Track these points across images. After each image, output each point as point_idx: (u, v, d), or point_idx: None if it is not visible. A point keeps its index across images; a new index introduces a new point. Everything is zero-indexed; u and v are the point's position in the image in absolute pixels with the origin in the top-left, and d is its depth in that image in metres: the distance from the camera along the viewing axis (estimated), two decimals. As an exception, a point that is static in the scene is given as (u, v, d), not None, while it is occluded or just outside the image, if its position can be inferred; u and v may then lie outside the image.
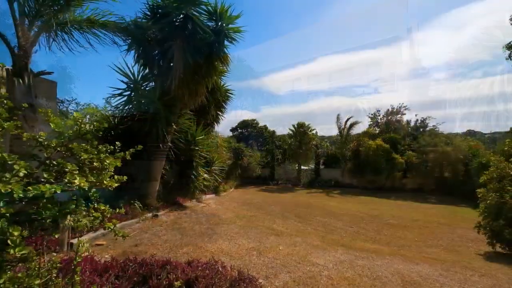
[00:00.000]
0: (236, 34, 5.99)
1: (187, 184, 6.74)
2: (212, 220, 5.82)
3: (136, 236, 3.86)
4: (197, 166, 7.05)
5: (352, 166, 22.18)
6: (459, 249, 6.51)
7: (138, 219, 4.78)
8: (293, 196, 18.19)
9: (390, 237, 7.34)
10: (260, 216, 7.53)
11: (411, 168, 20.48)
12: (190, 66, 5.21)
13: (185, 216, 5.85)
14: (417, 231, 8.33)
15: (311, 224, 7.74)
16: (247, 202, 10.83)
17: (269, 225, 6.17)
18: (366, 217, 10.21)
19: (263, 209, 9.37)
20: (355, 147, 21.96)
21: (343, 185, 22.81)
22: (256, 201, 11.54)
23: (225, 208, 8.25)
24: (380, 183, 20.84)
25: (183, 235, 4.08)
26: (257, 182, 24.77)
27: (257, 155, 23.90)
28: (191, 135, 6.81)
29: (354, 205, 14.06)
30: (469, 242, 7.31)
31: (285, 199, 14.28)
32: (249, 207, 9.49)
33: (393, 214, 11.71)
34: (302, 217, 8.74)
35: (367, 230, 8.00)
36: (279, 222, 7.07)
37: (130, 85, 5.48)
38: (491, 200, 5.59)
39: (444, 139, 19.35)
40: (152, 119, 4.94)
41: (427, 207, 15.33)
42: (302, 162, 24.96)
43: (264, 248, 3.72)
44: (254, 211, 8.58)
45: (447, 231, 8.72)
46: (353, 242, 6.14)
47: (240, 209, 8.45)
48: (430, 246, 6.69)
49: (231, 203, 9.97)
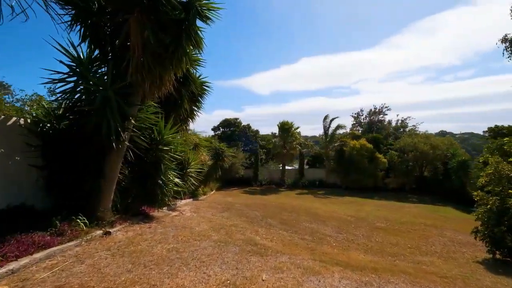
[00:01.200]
0: (211, 13, 5.03)
1: (153, 191, 5.66)
2: (181, 235, 4.81)
3: (65, 271, 2.78)
4: (166, 169, 5.98)
5: (336, 166, 21.96)
6: (455, 256, 6.05)
7: (80, 240, 3.65)
8: (277, 198, 17.47)
9: (382, 244, 6.77)
10: (241, 225, 6.62)
11: (393, 168, 20.62)
12: (152, 46, 4.18)
13: (148, 232, 4.79)
14: (406, 236, 7.89)
15: (297, 232, 6.98)
16: (227, 207, 9.87)
17: (251, 238, 5.28)
18: (353, 221, 9.70)
19: (245, 215, 8.47)
20: (339, 147, 21.75)
21: (328, 185, 22.53)
22: (237, 205, 10.61)
23: (201, 217, 7.24)
24: (364, 182, 20.77)
25: (134, 265, 3.05)
26: (240, 183, 23.80)
27: (240, 155, 22.92)
28: (158, 133, 5.74)
29: (339, 207, 13.61)
30: (461, 246, 6.93)
31: (269, 202, 13.48)
32: (229, 213, 8.55)
33: (379, 216, 11.35)
34: (287, 223, 7.97)
35: (357, 236, 7.40)
36: (262, 232, 6.22)
37: (75, 69, 4.33)
38: (492, 205, 5.12)
39: (424, 139, 19.63)
40: (100, 111, 3.84)
41: (410, 206, 15.31)
42: (287, 162, 24.38)
43: (242, 281, 2.82)
44: (235, 218, 7.66)
45: (436, 234, 8.39)
46: (346, 254, 5.44)
47: (218, 217, 7.48)
48: (425, 253, 6.18)
49: (209, 209, 8.96)
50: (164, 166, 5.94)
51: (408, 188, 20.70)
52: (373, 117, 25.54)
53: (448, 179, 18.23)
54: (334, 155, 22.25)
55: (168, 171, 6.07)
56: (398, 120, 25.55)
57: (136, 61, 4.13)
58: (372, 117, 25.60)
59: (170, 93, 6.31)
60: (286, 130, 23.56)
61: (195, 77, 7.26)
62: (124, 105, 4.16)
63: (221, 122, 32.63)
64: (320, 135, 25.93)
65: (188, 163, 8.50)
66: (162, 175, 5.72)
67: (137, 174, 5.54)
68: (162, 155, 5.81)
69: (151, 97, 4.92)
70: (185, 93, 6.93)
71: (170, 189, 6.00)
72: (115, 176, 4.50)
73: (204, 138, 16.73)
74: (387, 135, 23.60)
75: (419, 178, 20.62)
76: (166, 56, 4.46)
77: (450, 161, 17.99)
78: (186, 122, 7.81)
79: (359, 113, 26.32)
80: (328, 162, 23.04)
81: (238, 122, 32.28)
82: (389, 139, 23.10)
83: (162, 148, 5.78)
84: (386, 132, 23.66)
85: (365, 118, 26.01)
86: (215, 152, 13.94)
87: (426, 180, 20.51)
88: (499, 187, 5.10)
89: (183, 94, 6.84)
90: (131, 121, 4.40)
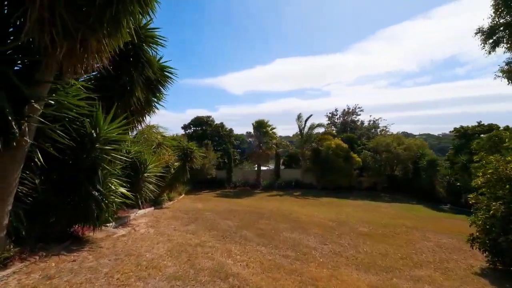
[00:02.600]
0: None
1: (86, 206, 4.10)
2: (120, 270, 3.38)
3: None
4: (106, 175, 4.45)
5: (312, 165, 21.56)
6: (450, 266, 5.47)
7: None
8: (252, 201, 16.34)
9: (372, 255, 6.00)
10: (210, 244, 5.34)
11: (367, 167, 20.81)
12: (68, -7, 2.74)
13: (68, 269, 3.28)
14: (393, 242, 7.29)
15: (278, 246, 5.90)
16: (195, 216, 8.45)
17: (221, 265, 4.03)
18: (335, 226, 8.96)
19: (215, 227, 7.17)
20: (315, 146, 21.38)
21: (304, 185, 22.03)
22: (207, 213, 9.23)
23: (159, 233, 5.78)
24: (339, 182, 20.66)
25: None
26: (212, 186, 22.22)
27: (212, 155, 21.38)
28: (94, 126, 4.20)
29: (318, 210, 12.93)
30: (450, 253, 6.47)
31: (244, 207, 12.28)
32: (197, 225, 7.18)
33: (359, 218, 10.86)
34: (266, 235, 6.86)
35: (343, 246, 6.56)
36: (237, 252, 5.01)
37: None
38: (496, 211, 4.52)
39: (396, 139, 20.07)
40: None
41: (385, 206, 15.29)
42: (262, 163, 23.41)
43: None
44: (203, 232, 6.33)
45: (420, 238, 7.95)
46: (339, 275, 4.48)
47: (182, 232, 6.09)
48: (419, 265, 5.51)
49: (173, 221, 7.49)
50: (104, 171, 4.41)
51: (380, 187, 21.07)
52: (347, 117, 25.86)
53: (417, 178, 18.79)
54: (310, 154, 21.84)
55: (109, 178, 4.53)
56: (370, 120, 26.27)
57: (39, 12, 2.64)
58: (346, 117, 25.91)
59: (117, 75, 4.83)
60: (262, 129, 22.60)
61: (152, 59, 5.77)
62: (19, 82, 2.64)
63: (192, 120, 30.55)
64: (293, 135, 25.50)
65: (145, 166, 6.94)
66: (99, 183, 4.19)
67: (60, 183, 3.94)
68: (100, 156, 4.28)
69: (77, 73, 3.40)
70: (138, 78, 5.42)
71: (112, 201, 4.47)
72: (8, 188, 2.92)
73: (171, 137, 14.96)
74: (360, 135, 23.99)
75: (390, 177, 21.08)
76: (93, 12, 3.01)
77: (420, 161, 18.53)
78: (141, 115, 6.26)
79: (333, 113, 26.53)
80: (304, 161, 22.59)
81: (211, 120, 30.51)
82: (362, 139, 23.45)
83: (100, 148, 4.25)
84: (359, 132, 24.04)
85: (339, 118, 26.26)
86: (183, 152, 12.34)
87: (396, 179, 21.05)
88: (504, 190, 4.53)
89: (135, 79, 5.33)
90: (34, 105, 2.87)
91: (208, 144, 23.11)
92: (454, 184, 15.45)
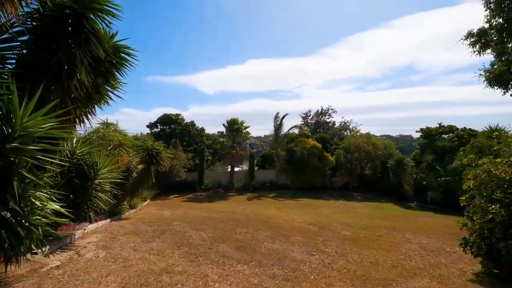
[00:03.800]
0: None
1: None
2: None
3: None
4: (27, 186, 3.13)
5: (287, 166, 21.22)
6: (444, 273, 5.18)
7: None
8: (227, 205, 15.28)
9: (362, 265, 5.48)
10: (179, 268, 4.26)
11: (339, 167, 21.13)
12: None
13: None
14: (378, 247, 6.95)
15: (262, 262, 5.05)
16: (162, 229, 7.18)
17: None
18: (317, 231, 8.43)
19: (186, 242, 6.05)
20: (290, 146, 21.08)
21: (278, 186, 21.57)
22: (176, 224, 7.98)
23: (111, 258, 4.52)
24: (313, 182, 20.65)
25: None
26: (182, 189, 20.55)
27: (181, 156, 19.75)
28: (5, 117, 2.88)
29: (296, 212, 12.41)
30: (437, 256, 6.29)
31: (218, 213, 11.20)
32: (163, 241, 5.98)
33: (339, 220, 10.55)
34: (246, 247, 5.96)
35: (331, 255, 5.96)
36: (214, 277, 4.03)
37: None
38: (496, 214, 4.24)
39: (366, 139, 20.69)
40: None
41: (360, 206, 15.45)
42: (236, 164, 22.42)
43: None
44: (170, 252, 5.19)
45: (402, 240, 7.78)
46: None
47: (142, 254, 4.88)
48: (413, 274, 5.13)
49: (133, 237, 6.17)
50: (24, 182, 3.09)
51: (351, 187, 21.57)
52: (320, 118, 26.29)
53: (386, 177, 19.55)
54: (285, 155, 21.49)
55: (33, 190, 3.21)
56: (342, 122, 27.08)
57: None
58: (320, 117, 26.32)
59: (50, 48, 3.59)
60: (235, 129, 21.62)
61: (103, 33, 4.47)
62: None
63: (159, 118, 28.20)
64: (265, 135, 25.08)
65: (95, 171, 5.53)
66: (13, 200, 2.87)
67: None
68: (18, 160, 2.96)
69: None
70: (82, 56, 4.10)
71: (36, 223, 3.15)
72: None
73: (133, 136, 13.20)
74: (333, 135, 24.48)
75: (361, 177, 21.70)
76: None
77: (389, 160, 19.28)
78: (88, 105, 4.88)
79: (307, 114, 26.79)
80: (279, 162, 22.16)
81: (180, 118, 28.51)
82: (334, 139, 23.91)
83: (16, 148, 2.92)
84: (332, 133, 24.53)
85: (312, 118, 26.61)
86: (148, 153, 10.82)
87: (366, 178, 21.74)
88: (502, 194, 4.27)
89: (77, 56, 4.01)
90: None
91: (177, 144, 21.38)
92: (420, 183, 16.28)
